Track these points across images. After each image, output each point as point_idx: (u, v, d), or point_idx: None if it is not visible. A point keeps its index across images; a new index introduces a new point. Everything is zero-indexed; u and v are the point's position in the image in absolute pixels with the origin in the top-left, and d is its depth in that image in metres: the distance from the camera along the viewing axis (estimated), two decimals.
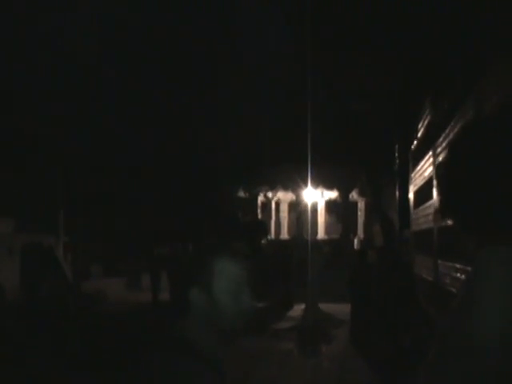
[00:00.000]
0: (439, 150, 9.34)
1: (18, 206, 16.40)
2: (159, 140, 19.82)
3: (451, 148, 1.33)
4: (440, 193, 1.31)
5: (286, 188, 21.51)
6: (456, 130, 7.82)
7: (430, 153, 10.24)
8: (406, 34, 10.08)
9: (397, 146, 14.57)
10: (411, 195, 13.67)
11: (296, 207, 21.71)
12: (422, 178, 11.67)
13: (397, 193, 14.62)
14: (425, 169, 11.10)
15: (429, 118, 10.73)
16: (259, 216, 22.01)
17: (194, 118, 19.98)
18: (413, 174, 13.23)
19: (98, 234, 20.34)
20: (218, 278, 1.73)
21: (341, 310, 13.05)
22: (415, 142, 12.82)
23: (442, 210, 1.28)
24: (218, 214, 19.72)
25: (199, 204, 20.12)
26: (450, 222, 1.36)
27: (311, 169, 14.95)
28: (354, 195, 21.51)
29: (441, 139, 9.14)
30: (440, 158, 9.27)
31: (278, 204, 22.54)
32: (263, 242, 19.91)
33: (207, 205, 20.26)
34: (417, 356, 1.28)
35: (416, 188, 12.79)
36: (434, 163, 9.96)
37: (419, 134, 12.11)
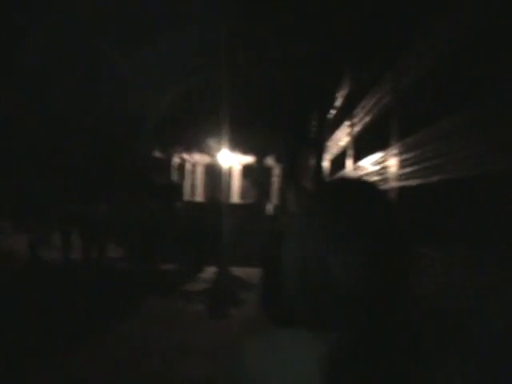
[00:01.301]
0: (356, 119, 9.47)
1: None
2: (72, 94, 19.07)
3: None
4: None
5: (202, 150, 21.38)
6: (373, 100, 7.94)
7: (347, 122, 10.37)
8: (329, 2, 10.07)
9: (315, 114, 14.69)
10: (326, 163, 13.88)
11: (212, 170, 21.64)
12: (337, 147, 11.84)
13: (312, 161, 14.79)
14: (340, 138, 11.26)
15: (348, 87, 10.84)
16: (174, 177, 21.83)
17: (108, 73, 19.34)
18: (329, 143, 13.41)
19: (5, 190, 19.53)
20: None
21: (252, 274, 13.19)
22: (333, 111, 12.96)
23: None
24: (130, 174, 19.38)
25: (111, 163, 19.64)
26: None
27: (228, 132, 14.86)
28: (269, 160, 21.65)
29: (358, 109, 9.26)
30: (356, 129, 9.41)
31: (193, 166, 22.38)
32: (177, 203, 19.81)
33: (119, 164, 19.81)
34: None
35: (331, 157, 12.99)
36: (350, 133, 10.10)
37: (337, 103, 12.24)
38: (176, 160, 21.86)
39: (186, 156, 21.86)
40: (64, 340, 7.94)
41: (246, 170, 21.95)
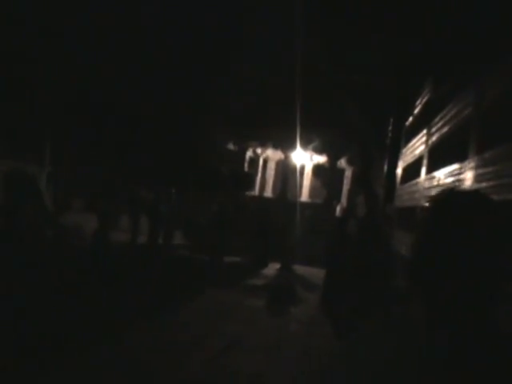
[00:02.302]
0: (434, 129, 9.35)
1: (4, 133, 16.20)
2: (151, 88, 19.56)
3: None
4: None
5: (275, 146, 21.50)
6: (453, 112, 7.82)
7: (424, 131, 10.23)
8: (413, 11, 9.96)
9: (392, 120, 14.52)
10: (399, 171, 13.72)
11: (283, 167, 21.74)
12: (412, 155, 11.69)
13: (385, 167, 14.63)
14: (416, 146, 11.12)
15: (428, 96, 10.69)
16: (246, 169, 22.03)
17: (189, 72, 19.73)
18: (404, 150, 13.25)
19: (83, 170, 20.22)
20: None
21: (315, 273, 13.19)
22: (411, 119, 12.80)
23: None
24: (203, 165, 19.71)
25: (185, 153, 20.03)
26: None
27: (303, 132, 14.93)
28: (342, 162, 21.55)
29: (436, 119, 9.13)
30: (433, 139, 9.29)
31: (266, 161, 22.51)
32: (247, 193, 20.02)
33: (196, 155, 20.18)
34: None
35: (405, 165, 12.83)
36: (426, 142, 9.97)
37: (416, 111, 12.08)
38: (249, 154, 22.06)
39: (259, 150, 22.03)
40: (122, 322, 8.14)
41: (318, 170, 21.91)
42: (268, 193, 22.28)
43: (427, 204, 1.49)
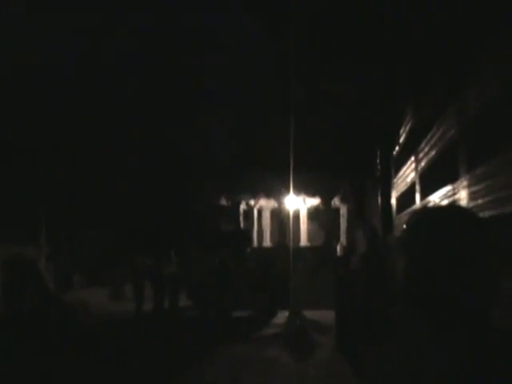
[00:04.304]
0: (421, 155, 9.44)
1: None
2: (141, 152, 19.76)
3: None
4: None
5: (268, 195, 21.56)
6: (438, 135, 7.92)
7: (412, 158, 10.33)
8: (387, 43, 10.17)
9: (379, 152, 14.66)
10: (394, 201, 13.77)
11: (278, 214, 21.74)
12: (404, 183, 11.77)
13: (379, 198, 14.70)
14: (407, 174, 11.20)
15: (410, 124, 10.83)
16: (242, 224, 22.02)
17: (174, 129, 19.96)
18: (395, 180, 13.33)
19: (80, 245, 20.20)
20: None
21: (326, 316, 13.07)
22: (397, 148, 12.92)
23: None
24: (203, 225, 19.70)
25: (183, 215, 20.07)
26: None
27: (293, 176, 15.00)
28: (336, 202, 21.60)
29: (422, 145, 9.23)
30: (422, 164, 9.37)
31: (260, 211, 22.54)
32: (247, 250, 19.96)
33: (191, 216, 20.22)
34: None
35: (398, 194, 12.89)
36: (416, 169, 10.05)
37: (401, 140, 12.22)
38: (242, 207, 22.09)
39: (252, 202, 22.07)
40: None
41: (313, 213, 21.94)
42: (266, 242, 22.22)
43: (404, 227, 1.55)
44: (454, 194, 6.80)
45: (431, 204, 8.51)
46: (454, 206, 1.60)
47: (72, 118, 18.15)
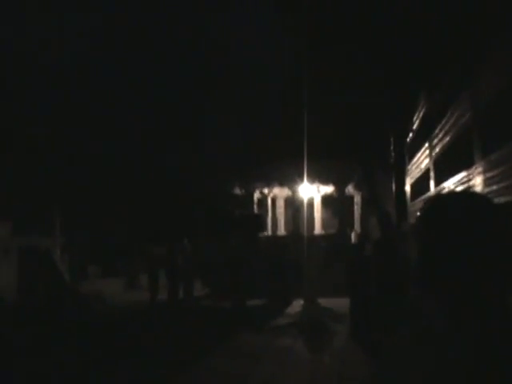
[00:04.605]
0: (435, 141, 9.34)
1: (15, 209, 16.33)
2: (157, 140, 19.78)
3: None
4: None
5: (281, 184, 21.50)
6: (451, 121, 7.81)
7: (426, 144, 10.23)
8: (401, 28, 10.05)
9: (392, 139, 14.54)
10: (408, 187, 13.67)
11: (292, 203, 21.69)
12: (418, 170, 11.67)
13: (393, 185, 14.59)
14: (421, 161, 11.10)
15: (424, 110, 10.72)
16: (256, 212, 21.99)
17: (191, 117, 19.95)
18: (409, 167, 13.23)
19: (95, 235, 20.30)
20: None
21: (340, 304, 13.02)
22: (411, 135, 12.81)
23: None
24: (215, 213, 19.71)
25: (196, 203, 20.09)
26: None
27: (307, 164, 14.95)
28: (349, 189, 21.49)
29: (436, 131, 9.13)
30: (436, 150, 9.27)
31: (274, 200, 22.49)
32: (261, 235, 19.96)
33: (204, 204, 20.23)
34: None
35: (412, 180, 12.79)
36: (430, 155, 9.95)
37: (414, 127, 12.10)
38: (256, 195, 22.04)
39: (265, 190, 22.01)
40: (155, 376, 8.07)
41: (327, 201, 21.86)
42: (281, 231, 22.18)
43: (418, 214, 1.52)
44: (469, 180, 6.72)
45: (446, 190, 8.43)
46: (468, 192, 1.55)
47: (86, 116, 18.26)
